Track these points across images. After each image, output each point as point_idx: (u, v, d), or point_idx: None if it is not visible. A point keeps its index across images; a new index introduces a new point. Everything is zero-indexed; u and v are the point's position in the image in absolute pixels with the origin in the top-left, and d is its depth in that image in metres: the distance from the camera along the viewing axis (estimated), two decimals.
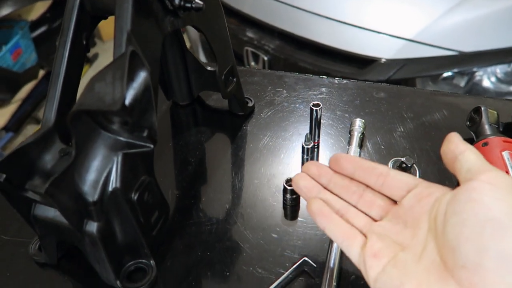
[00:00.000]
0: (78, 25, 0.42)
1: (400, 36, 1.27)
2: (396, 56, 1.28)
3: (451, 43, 1.26)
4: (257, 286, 0.41)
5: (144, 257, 0.44)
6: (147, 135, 0.38)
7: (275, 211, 0.50)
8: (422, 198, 0.33)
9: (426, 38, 1.26)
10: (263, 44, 1.49)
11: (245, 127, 0.62)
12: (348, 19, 1.34)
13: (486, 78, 1.31)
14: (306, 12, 1.41)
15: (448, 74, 1.29)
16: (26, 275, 0.45)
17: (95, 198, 0.37)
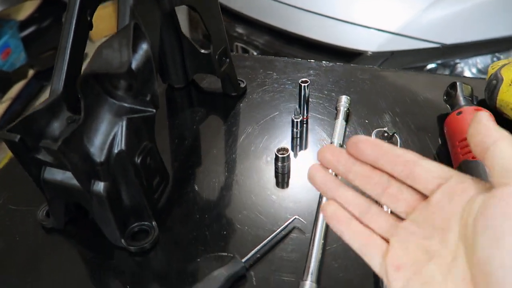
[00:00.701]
0: (82, 2, 0.45)
1: (385, 29, 1.32)
2: (382, 48, 1.33)
3: (434, 36, 1.31)
4: (253, 242, 0.45)
5: (147, 219, 0.47)
6: (149, 100, 0.41)
7: (268, 178, 0.53)
8: (454, 195, 0.27)
9: (410, 31, 1.31)
10: (252, 39, 1.53)
11: (238, 106, 0.66)
12: (336, 14, 1.39)
13: (467, 69, 1.36)
14: (294, 8, 1.45)
15: (431, 66, 1.34)
16: (34, 239, 0.48)
17: (102, 159, 0.41)
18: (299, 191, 0.52)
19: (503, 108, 0.56)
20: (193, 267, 0.44)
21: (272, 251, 0.45)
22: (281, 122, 0.62)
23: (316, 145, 0.58)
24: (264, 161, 0.56)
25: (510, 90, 0.54)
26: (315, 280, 0.40)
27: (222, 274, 0.40)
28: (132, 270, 0.45)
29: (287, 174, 0.54)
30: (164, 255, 0.45)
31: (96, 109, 0.41)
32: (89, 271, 0.45)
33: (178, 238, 0.47)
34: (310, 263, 0.41)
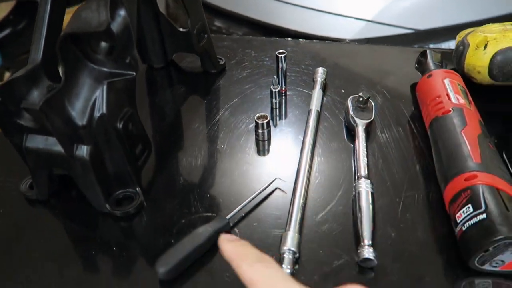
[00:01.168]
0: None
1: (361, 17, 1.36)
2: (358, 36, 1.36)
3: (407, 22, 1.35)
4: (236, 204, 0.46)
5: (131, 185, 0.47)
6: (129, 62, 0.42)
7: (249, 146, 0.55)
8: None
9: (385, 18, 1.34)
10: (231, 32, 1.54)
11: (218, 83, 0.67)
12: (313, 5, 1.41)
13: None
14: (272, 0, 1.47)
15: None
16: (18, 211, 0.48)
17: (84, 122, 0.41)
18: (279, 157, 0.53)
19: (470, 72, 0.58)
20: (178, 228, 0.45)
21: (255, 210, 0.46)
22: (260, 95, 0.64)
23: (295, 114, 0.59)
24: (244, 130, 0.57)
25: (476, 54, 0.57)
26: (297, 231, 0.41)
27: (207, 230, 0.41)
28: (117, 236, 0.45)
29: (267, 141, 0.55)
30: (149, 219, 0.46)
31: (76, 73, 0.41)
32: (74, 240, 0.45)
33: (162, 203, 0.48)
34: (292, 216, 0.43)
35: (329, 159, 0.52)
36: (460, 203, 0.39)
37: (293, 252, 0.39)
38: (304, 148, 0.51)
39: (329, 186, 0.48)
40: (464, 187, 0.39)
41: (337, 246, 0.41)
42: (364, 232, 0.40)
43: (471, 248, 0.36)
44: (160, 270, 0.38)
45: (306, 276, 0.39)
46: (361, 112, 0.55)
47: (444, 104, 0.49)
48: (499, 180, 0.39)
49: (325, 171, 0.50)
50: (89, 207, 0.46)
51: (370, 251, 0.38)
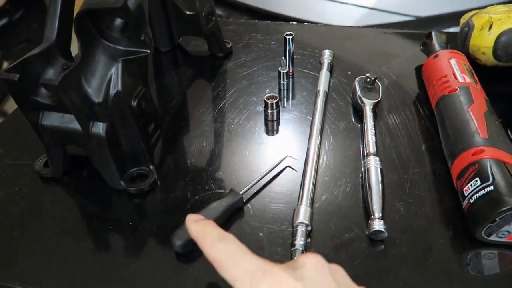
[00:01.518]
0: None
1: (362, 5, 1.36)
2: (359, 23, 1.36)
3: (408, 9, 1.35)
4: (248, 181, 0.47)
5: (144, 163, 0.48)
6: (143, 40, 0.42)
7: (259, 126, 0.56)
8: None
9: (386, 5, 1.35)
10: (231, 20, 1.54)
11: (225, 67, 0.68)
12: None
13: None
14: None
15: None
16: (33, 190, 0.49)
17: (100, 99, 0.42)
18: (289, 136, 0.54)
19: (475, 53, 0.59)
20: (191, 204, 0.46)
21: (267, 186, 0.47)
22: (268, 77, 0.64)
23: (303, 95, 0.60)
24: (253, 111, 0.58)
25: (481, 35, 0.58)
26: (309, 205, 0.43)
27: (221, 205, 0.42)
28: (132, 213, 0.46)
29: (276, 121, 0.56)
30: (162, 196, 0.47)
31: (92, 50, 0.42)
32: (89, 217, 0.46)
33: (175, 181, 0.49)
34: (304, 191, 0.44)
35: (337, 138, 0.53)
36: (467, 177, 0.40)
37: (305, 225, 0.40)
38: (313, 127, 0.52)
39: (338, 165, 0.49)
40: (472, 161, 0.40)
41: (348, 220, 0.43)
42: (374, 206, 0.41)
43: (479, 219, 0.37)
44: (177, 243, 0.40)
45: (318, 248, 0.40)
46: (368, 92, 0.56)
47: (450, 83, 0.50)
48: (505, 154, 0.40)
49: (334, 150, 0.51)
50: (103, 185, 0.47)
51: (380, 224, 0.40)
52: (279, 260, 0.39)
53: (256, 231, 0.42)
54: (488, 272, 0.38)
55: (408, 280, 0.38)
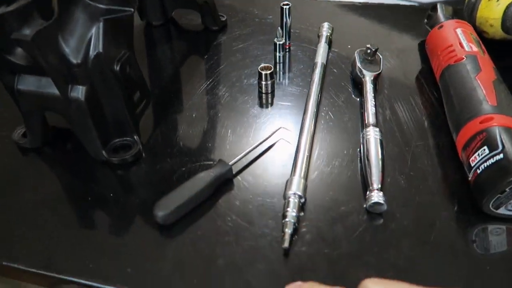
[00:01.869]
0: None
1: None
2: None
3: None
4: (239, 151, 0.43)
5: (129, 134, 0.45)
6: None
7: (253, 99, 0.52)
8: None
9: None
10: None
11: (219, 40, 0.65)
12: None
13: None
14: None
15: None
16: (11, 161, 0.46)
17: (79, 60, 0.39)
18: (283, 109, 0.51)
19: (482, 26, 0.56)
20: (178, 176, 0.43)
21: (259, 159, 0.44)
22: (263, 51, 0.61)
23: (299, 68, 0.57)
24: (246, 84, 0.55)
25: (489, 6, 0.55)
26: (304, 177, 0.40)
27: (209, 175, 0.40)
28: (115, 185, 0.43)
29: (271, 94, 0.53)
30: (147, 168, 0.44)
31: (71, 8, 0.39)
32: (70, 190, 0.43)
33: (161, 153, 0.46)
34: (297, 162, 0.41)
35: (335, 112, 0.50)
36: (474, 146, 0.37)
37: (298, 196, 0.37)
38: (309, 99, 0.49)
39: (335, 138, 0.46)
40: (479, 130, 0.37)
41: (345, 193, 0.40)
42: (373, 177, 0.38)
43: (487, 189, 0.34)
44: (159, 214, 0.37)
45: (312, 222, 0.37)
46: (369, 64, 0.52)
47: (456, 52, 0.47)
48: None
49: (331, 123, 0.48)
50: (86, 156, 0.45)
51: (379, 195, 0.37)
52: (269, 234, 0.37)
53: (246, 203, 0.39)
54: (495, 249, 0.35)
55: (409, 254, 0.35)
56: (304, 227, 0.37)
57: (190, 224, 0.38)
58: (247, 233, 0.37)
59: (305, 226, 0.37)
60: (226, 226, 0.37)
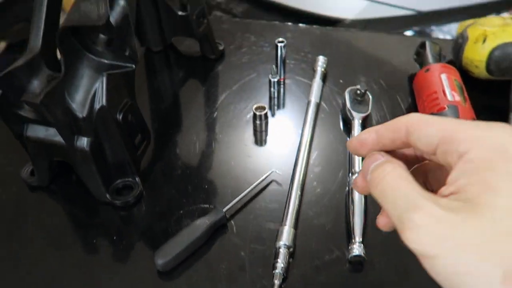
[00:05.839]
0: None
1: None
2: (359, 16, 1.34)
3: (409, 2, 1.33)
4: (232, 195, 0.47)
5: (130, 175, 0.48)
6: (128, 55, 0.42)
7: (247, 136, 0.55)
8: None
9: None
10: (231, 8, 1.51)
11: (217, 69, 0.67)
12: None
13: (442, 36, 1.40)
14: None
15: (409, 34, 1.37)
16: (19, 197, 0.49)
17: (84, 114, 0.42)
18: (276, 148, 0.54)
19: (468, 66, 0.59)
20: (176, 218, 0.46)
21: (251, 202, 0.47)
22: (259, 83, 0.64)
23: (293, 105, 0.60)
24: (243, 120, 0.58)
25: (475, 48, 0.57)
26: (293, 225, 0.43)
27: (204, 223, 0.43)
28: (117, 224, 0.46)
29: (265, 132, 0.56)
30: (148, 208, 0.47)
31: (76, 64, 0.41)
32: (75, 227, 0.46)
33: (161, 193, 0.49)
34: (288, 210, 0.44)
35: (326, 151, 0.53)
36: None
37: (288, 247, 0.41)
38: (302, 142, 0.52)
39: (324, 180, 0.49)
40: None
41: (330, 241, 0.43)
42: (356, 229, 0.41)
43: None
44: (159, 262, 0.40)
45: (299, 269, 0.41)
46: (358, 105, 0.55)
47: (439, 100, 0.50)
48: None
49: (321, 164, 0.51)
50: (90, 193, 0.48)
51: (360, 249, 0.40)
52: (260, 281, 0.40)
53: (238, 249, 0.43)
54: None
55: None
56: (292, 275, 0.40)
57: (186, 269, 0.41)
58: (239, 280, 0.40)
59: (293, 274, 0.40)
60: (220, 273, 0.41)
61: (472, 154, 0.23)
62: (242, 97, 0.61)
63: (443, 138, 0.24)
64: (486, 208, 0.21)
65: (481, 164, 0.22)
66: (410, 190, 0.23)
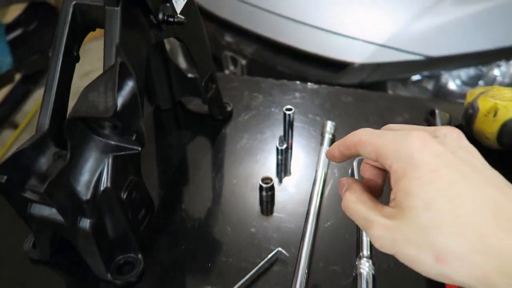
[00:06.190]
0: (69, 37, 0.45)
1: (372, 41, 1.35)
2: (368, 60, 1.35)
3: (419, 48, 1.34)
4: (236, 275, 0.46)
5: (132, 251, 0.47)
6: (135, 138, 0.42)
7: (253, 208, 0.54)
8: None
9: (396, 43, 1.33)
10: (241, 48, 1.54)
11: (224, 130, 0.67)
12: (324, 25, 1.40)
13: (452, 81, 1.40)
14: (283, 18, 1.46)
15: (417, 78, 1.38)
16: (21, 270, 0.48)
17: (88, 197, 0.41)
18: (283, 219, 0.53)
19: (479, 136, 0.58)
20: None
21: (255, 284, 0.46)
22: (266, 147, 0.63)
23: (301, 172, 0.59)
24: (249, 188, 0.57)
25: (486, 121, 0.56)
26: None
27: None
28: None
29: (270, 203, 0.55)
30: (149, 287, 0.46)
31: (82, 147, 0.41)
32: None
33: (163, 269, 0.48)
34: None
35: (334, 227, 0.51)
36: None
37: None
38: (309, 215, 0.51)
39: (332, 261, 0.48)
40: None
41: None
42: None
43: None
44: None
45: None
46: None
47: None
48: None
49: (328, 242, 0.50)
50: (91, 270, 0.47)
51: None
52: None
53: None
54: None
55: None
56: None
57: None
58: None
59: None
60: None
61: (393, 166, 0.29)
62: (249, 162, 0.61)
63: (377, 154, 0.30)
64: (407, 210, 0.27)
65: (400, 174, 0.28)
66: (365, 211, 0.30)
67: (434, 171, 0.27)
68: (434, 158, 0.28)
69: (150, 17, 0.46)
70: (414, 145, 0.28)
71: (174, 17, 0.47)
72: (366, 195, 0.32)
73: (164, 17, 0.47)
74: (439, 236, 0.26)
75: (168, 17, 0.47)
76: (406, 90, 1.38)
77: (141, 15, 0.45)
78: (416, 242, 0.27)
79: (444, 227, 0.26)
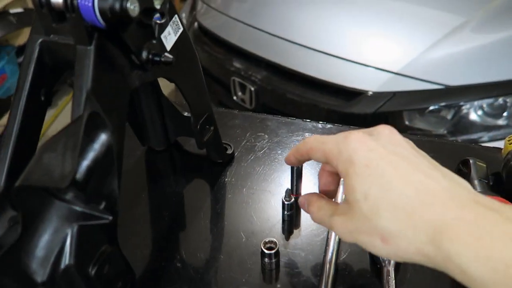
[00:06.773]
0: (35, 79, 0.38)
1: (386, 69, 1.27)
2: (383, 89, 1.27)
3: (437, 77, 1.25)
4: None
5: None
6: (104, 207, 0.34)
7: (253, 275, 0.46)
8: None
9: (413, 71, 1.25)
10: (250, 74, 1.48)
11: (224, 177, 0.59)
12: (336, 52, 1.33)
13: (473, 112, 1.30)
14: (293, 44, 1.40)
15: (434, 107, 1.29)
16: None
17: (44, 278, 0.33)
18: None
19: None
20: None
21: None
22: (271, 199, 0.55)
23: (309, 231, 0.50)
24: (250, 251, 0.48)
25: None
26: None
27: None
28: None
29: (275, 270, 0.46)
30: None
31: (39, 215, 0.34)
32: None
33: None
34: None
35: None
36: None
37: None
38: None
39: None
40: None
41: None
42: None
43: None
44: None
45: None
46: None
47: None
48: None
49: None
50: None
51: None
52: None
53: None
54: None
55: None
56: None
57: None
58: None
59: None
60: None
61: (339, 167, 0.33)
62: (250, 217, 0.52)
63: (326, 159, 0.35)
64: (353, 204, 0.32)
65: (344, 173, 0.33)
66: (325, 215, 0.36)
67: (369, 165, 0.31)
68: (368, 154, 0.31)
69: (132, 57, 0.39)
70: (352, 146, 0.32)
71: (161, 56, 0.40)
72: (324, 200, 0.38)
73: (149, 57, 0.39)
74: (379, 221, 0.30)
75: (154, 56, 0.40)
76: (423, 120, 1.29)
77: (120, 55, 0.38)
78: (365, 230, 0.31)
79: (381, 212, 0.30)
